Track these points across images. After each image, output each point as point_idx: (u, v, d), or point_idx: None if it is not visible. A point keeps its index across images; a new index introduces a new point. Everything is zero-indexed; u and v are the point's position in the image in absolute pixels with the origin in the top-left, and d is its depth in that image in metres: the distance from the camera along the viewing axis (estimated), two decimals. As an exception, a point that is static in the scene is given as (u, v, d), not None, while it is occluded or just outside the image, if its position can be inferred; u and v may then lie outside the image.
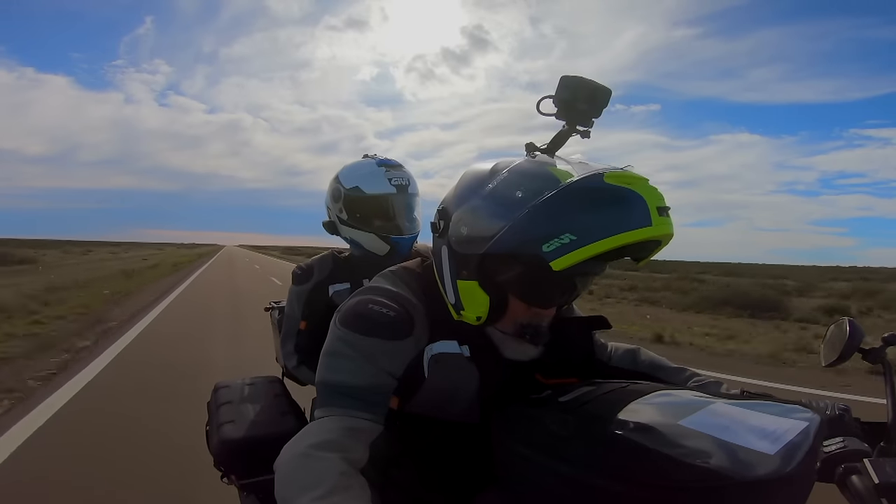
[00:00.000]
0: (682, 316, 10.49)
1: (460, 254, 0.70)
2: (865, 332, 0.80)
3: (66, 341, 5.67)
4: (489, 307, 0.70)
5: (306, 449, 0.60)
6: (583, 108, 0.73)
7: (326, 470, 0.56)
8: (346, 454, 0.60)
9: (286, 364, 1.51)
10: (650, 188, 0.59)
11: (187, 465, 2.48)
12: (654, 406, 0.61)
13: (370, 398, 0.69)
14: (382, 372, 0.70)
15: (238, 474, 1.22)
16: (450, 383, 0.73)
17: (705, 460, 0.50)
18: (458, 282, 0.71)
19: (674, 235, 0.61)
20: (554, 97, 0.73)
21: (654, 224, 0.57)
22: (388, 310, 0.72)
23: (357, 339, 0.70)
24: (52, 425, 3.27)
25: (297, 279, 1.48)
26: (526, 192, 0.63)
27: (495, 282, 0.69)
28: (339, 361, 0.71)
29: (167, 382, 4.18)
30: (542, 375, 0.79)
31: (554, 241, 0.58)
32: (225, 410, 1.34)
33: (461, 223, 0.69)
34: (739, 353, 6.39)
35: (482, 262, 0.68)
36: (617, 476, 0.53)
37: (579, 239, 0.57)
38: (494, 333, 0.74)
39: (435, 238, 0.76)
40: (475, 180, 0.70)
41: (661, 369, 0.89)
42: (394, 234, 1.43)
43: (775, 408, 0.60)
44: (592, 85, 0.72)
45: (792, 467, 0.50)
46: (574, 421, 0.60)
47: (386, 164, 1.47)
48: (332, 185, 1.50)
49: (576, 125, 0.74)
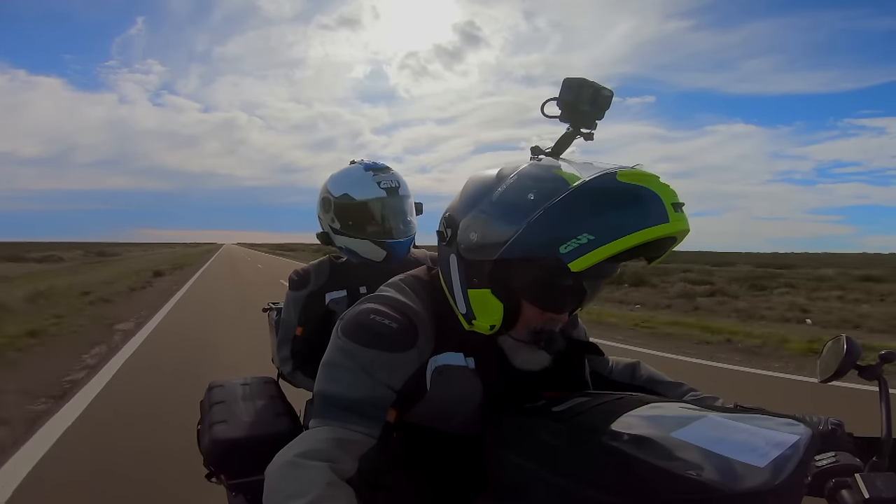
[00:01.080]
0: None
1: (471, 261, 0.68)
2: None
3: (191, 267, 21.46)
4: (503, 315, 0.68)
5: (294, 458, 0.60)
6: (585, 109, 0.73)
7: (313, 479, 0.56)
8: (335, 464, 0.60)
9: (282, 368, 1.51)
10: (663, 185, 0.59)
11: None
12: (647, 418, 0.61)
13: (367, 411, 0.68)
14: (381, 385, 0.69)
15: (228, 474, 1.21)
16: (452, 396, 0.72)
17: (696, 472, 0.51)
18: (469, 290, 0.70)
19: (689, 231, 0.61)
20: (557, 99, 0.73)
21: (671, 220, 0.57)
22: (390, 321, 0.70)
23: (357, 351, 0.69)
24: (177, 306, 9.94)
25: (294, 285, 1.47)
26: (538, 194, 0.62)
27: (509, 288, 0.67)
28: (338, 372, 0.70)
29: (219, 282, 13.86)
30: (546, 388, 0.77)
31: (572, 241, 0.57)
32: (218, 410, 1.34)
33: (470, 230, 0.67)
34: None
35: (495, 268, 0.66)
36: (608, 487, 0.53)
37: (598, 238, 0.56)
38: (506, 342, 0.73)
39: (442, 247, 0.74)
40: (482, 186, 0.69)
41: (659, 383, 0.89)
42: (388, 239, 1.42)
43: (767, 421, 0.60)
44: (595, 87, 0.72)
45: (781, 480, 0.50)
46: (567, 431, 0.60)
47: (373, 168, 1.45)
48: (322, 195, 1.49)
49: (580, 127, 0.74)
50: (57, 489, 2.47)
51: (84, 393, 3.97)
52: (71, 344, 5.74)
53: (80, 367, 4.75)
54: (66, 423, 3.32)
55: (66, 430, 3.22)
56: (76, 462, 2.76)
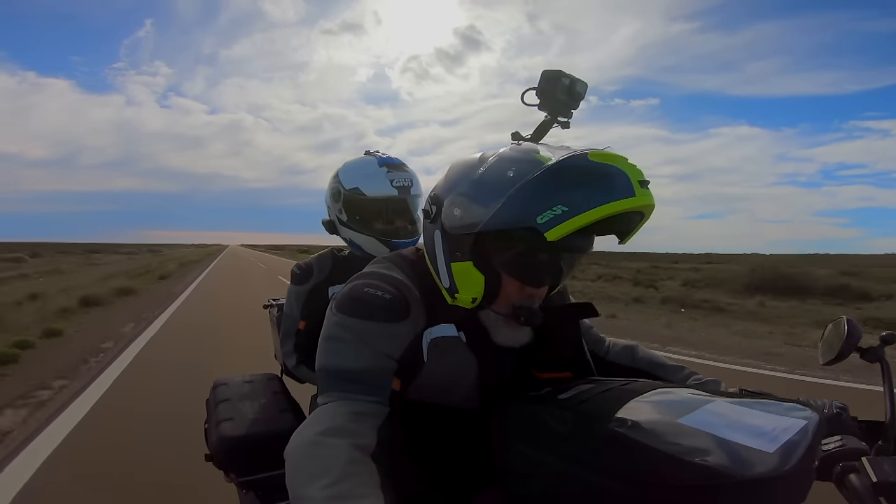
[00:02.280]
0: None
1: (454, 236, 0.71)
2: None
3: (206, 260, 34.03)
4: (484, 288, 0.71)
5: (314, 436, 0.60)
6: (562, 98, 0.77)
7: (335, 457, 0.57)
8: (355, 440, 0.60)
9: (285, 363, 1.50)
10: (630, 164, 0.63)
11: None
12: (653, 404, 0.61)
13: (372, 381, 0.69)
14: (381, 354, 0.70)
15: (237, 472, 1.21)
16: (449, 367, 0.74)
17: (704, 458, 0.50)
18: (452, 264, 0.72)
19: (654, 206, 0.65)
20: (536, 89, 0.77)
21: (637, 195, 0.61)
22: (383, 292, 0.73)
23: (354, 323, 0.71)
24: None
25: (296, 279, 1.46)
26: (516, 172, 0.66)
27: (490, 261, 0.70)
28: (338, 346, 0.71)
29: (232, 269, 23.16)
30: (537, 369, 0.79)
31: (547, 212, 0.61)
32: (223, 408, 1.34)
33: (454, 206, 0.70)
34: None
35: (476, 241, 0.69)
36: (616, 474, 0.53)
37: (571, 210, 0.61)
38: (488, 316, 0.75)
39: (427, 224, 0.77)
40: (465, 167, 0.73)
41: (659, 367, 0.89)
42: (394, 239, 1.40)
43: (774, 406, 0.60)
44: (571, 78, 0.77)
45: (790, 465, 0.50)
46: (573, 418, 0.60)
47: (388, 164, 1.42)
48: (332, 183, 1.46)
49: (556, 116, 0.79)
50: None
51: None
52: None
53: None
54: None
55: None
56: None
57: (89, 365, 4.68)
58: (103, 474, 2.46)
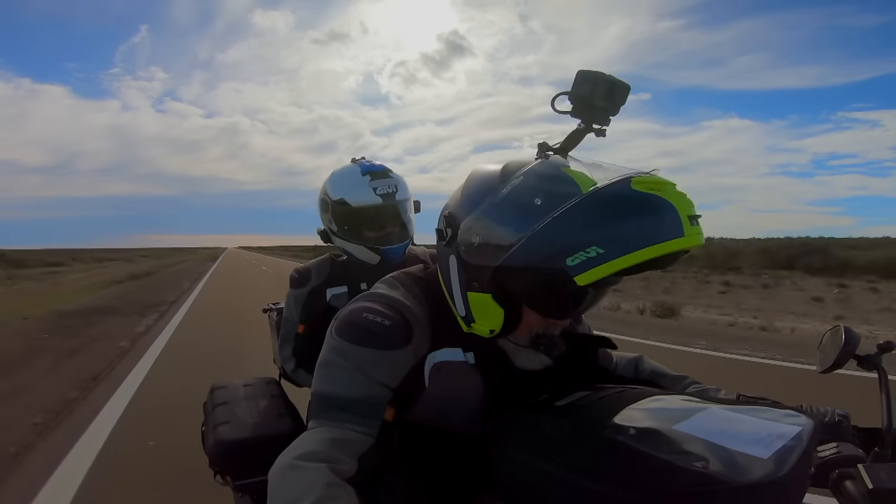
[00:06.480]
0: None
1: (471, 264, 0.66)
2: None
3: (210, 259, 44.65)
4: (503, 320, 0.67)
5: (293, 460, 0.59)
6: (601, 104, 0.67)
7: (313, 481, 0.56)
8: (334, 465, 0.59)
9: (284, 367, 1.51)
10: (679, 194, 0.56)
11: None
12: (650, 411, 0.61)
13: (363, 411, 0.67)
14: (376, 384, 0.68)
15: (233, 475, 1.21)
16: (452, 392, 0.71)
17: (700, 464, 0.51)
18: (468, 294, 0.67)
19: (703, 244, 0.57)
20: (570, 94, 0.67)
21: (686, 234, 0.54)
22: (383, 318, 0.69)
23: (350, 350, 0.68)
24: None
25: (294, 283, 1.47)
26: (545, 198, 0.58)
27: (510, 294, 0.65)
28: (333, 372, 0.69)
29: (238, 263, 34.58)
30: (550, 386, 0.76)
31: (579, 254, 0.54)
32: (221, 411, 1.33)
33: (472, 232, 0.65)
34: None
35: (496, 274, 0.63)
36: (613, 480, 0.53)
37: (607, 252, 0.53)
38: (507, 344, 0.72)
39: (441, 246, 0.71)
40: (485, 184, 0.66)
41: (662, 377, 0.89)
42: (383, 245, 1.41)
43: (770, 413, 0.60)
44: (611, 80, 0.66)
45: (785, 471, 0.50)
46: (570, 425, 0.60)
47: (371, 172, 1.42)
48: (321, 196, 1.48)
49: (592, 123, 0.69)
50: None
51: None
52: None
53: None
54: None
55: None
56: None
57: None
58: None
